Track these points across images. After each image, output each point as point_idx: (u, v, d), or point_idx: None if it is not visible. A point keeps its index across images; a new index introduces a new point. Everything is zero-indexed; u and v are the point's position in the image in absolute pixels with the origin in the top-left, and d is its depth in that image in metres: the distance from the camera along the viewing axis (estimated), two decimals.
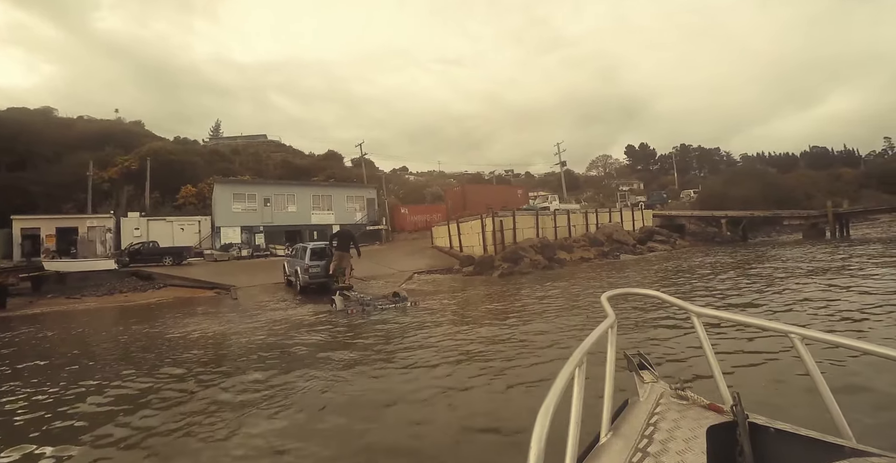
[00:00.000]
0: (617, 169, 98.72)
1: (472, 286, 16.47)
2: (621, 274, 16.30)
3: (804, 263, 15.23)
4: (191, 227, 34.78)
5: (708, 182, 64.63)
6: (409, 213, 42.92)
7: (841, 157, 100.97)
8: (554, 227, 27.53)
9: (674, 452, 1.30)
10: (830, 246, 22.09)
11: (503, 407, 4.37)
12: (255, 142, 78.02)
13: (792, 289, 10.37)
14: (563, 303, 10.24)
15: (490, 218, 24.44)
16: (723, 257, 20.43)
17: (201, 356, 7.62)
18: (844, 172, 74.47)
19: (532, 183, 74.19)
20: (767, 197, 42.06)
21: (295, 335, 8.69)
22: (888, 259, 14.58)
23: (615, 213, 33.12)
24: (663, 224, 35.84)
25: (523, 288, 14.22)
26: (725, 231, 35.39)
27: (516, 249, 23.15)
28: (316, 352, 7.28)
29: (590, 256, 25.31)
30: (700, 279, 13.54)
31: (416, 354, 6.62)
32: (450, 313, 9.88)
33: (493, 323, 8.46)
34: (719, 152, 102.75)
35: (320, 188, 39.60)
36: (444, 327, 8.36)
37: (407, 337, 7.76)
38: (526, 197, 42.74)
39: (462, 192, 38.36)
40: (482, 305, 11.09)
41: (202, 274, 21.97)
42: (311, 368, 6.21)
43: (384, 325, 8.87)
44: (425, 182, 66.10)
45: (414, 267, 23.76)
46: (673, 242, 31.08)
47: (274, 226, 34.80)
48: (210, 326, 10.50)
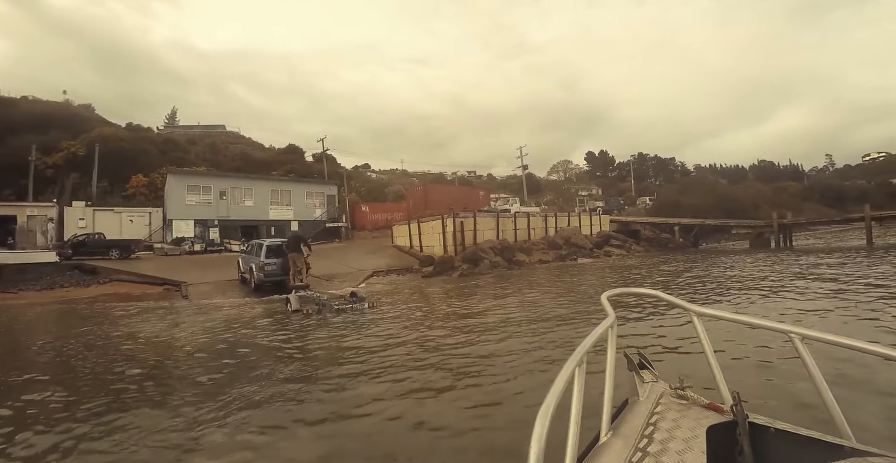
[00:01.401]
0: (577, 174, 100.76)
1: (431, 287, 16.42)
2: (578, 277, 16.56)
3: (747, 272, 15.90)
4: (140, 219, 33.37)
5: (663, 190, 66.84)
6: (369, 211, 42.55)
7: (786, 172, 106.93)
8: (514, 230, 27.83)
9: (674, 452, 1.30)
10: (773, 255, 23.12)
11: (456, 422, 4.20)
12: (213, 132, 75.73)
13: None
14: (522, 310, 10.30)
15: (451, 219, 24.51)
16: (676, 264, 21.09)
17: (132, 363, 6.77)
18: (789, 186, 78.30)
19: (494, 185, 74.79)
20: (718, 206, 43.82)
21: (244, 339, 8.22)
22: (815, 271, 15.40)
23: (574, 218, 33.79)
24: (620, 229, 36.74)
25: (482, 290, 14.28)
26: (678, 238, 36.60)
27: (476, 250, 23.28)
28: (263, 359, 6.66)
29: (548, 259, 25.71)
30: (659, 284, 13.95)
31: (368, 362, 6.23)
32: (407, 316, 9.73)
33: (451, 328, 8.20)
34: (674, 162, 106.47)
35: (279, 183, 38.60)
36: (400, 331, 8.22)
37: (361, 342, 7.41)
38: (487, 199, 43.13)
39: (424, 191, 38.32)
40: (441, 307, 10.98)
41: (151, 269, 21.09)
42: (252, 384, 5.43)
43: (338, 329, 8.62)
44: (387, 180, 65.63)
45: (373, 266, 23.52)
46: (628, 248, 31.94)
47: (229, 220, 33.69)
48: (152, 326, 9.89)
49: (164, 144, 51.02)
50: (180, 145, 53.98)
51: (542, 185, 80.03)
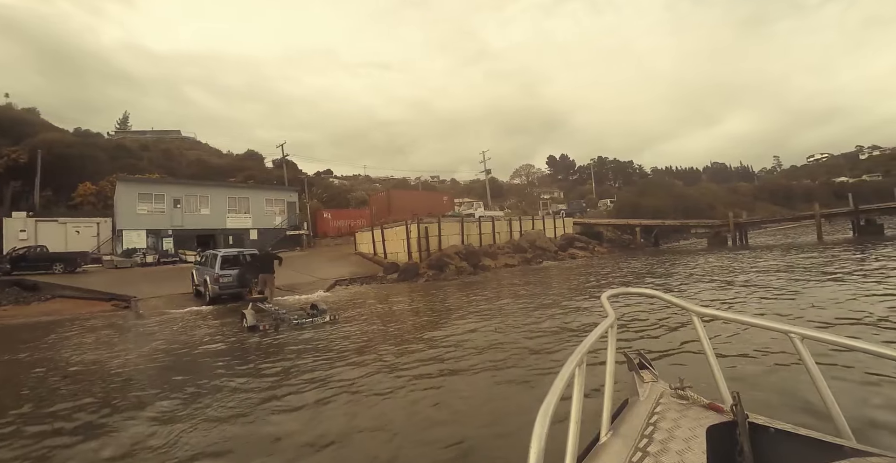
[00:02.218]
0: (539, 178, 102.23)
1: (396, 295, 16.03)
2: (546, 284, 16.45)
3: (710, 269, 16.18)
4: (88, 230, 31.69)
5: (623, 193, 68.28)
6: (332, 217, 41.75)
7: (738, 173, 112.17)
8: (479, 234, 27.73)
9: (674, 452, 1.30)
10: (732, 253, 23.71)
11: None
12: (168, 138, 73.08)
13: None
14: (492, 319, 10.04)
15: (415, 224, 24.17)
16: (635, 264, 21.31)
17: (59, 393, 5.97)
18: (741, 186, 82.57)
19: (458, 189, 74.89)
20: (676, 207, 45.30)
21: (192, 361, 7.46)
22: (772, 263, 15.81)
23: (538, 221, 33.97)
24: (583, 231, 37.29)
25: (449, 298, 13.98)
26: (640, 238, 37.52)
27: (441, 255, 23.02)
28: (198, 396, 5.53)
29: (514, 263, 25.67)
30: (627, 284, 13.93)
31: (327, 386, 5.43)
32: (372, 329, 9.20)
33: (416, 350, 7.11)
34: (633, 165, 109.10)
35: (237, 189, 37.24)
36: (363, 348, 7.52)
37: (319, 362, 6.64)
38: (451, 203, 42.91)
39: (387, 197, 37.68)
40: (406, 320, 10.50)
41: (99, 283, 19.92)
42: (194, 418, 4.65)
43: (296, 346, 8.01)
44: (350, 186, 64.66)
45: (336, 274, 22.94)
46: (592, 249, 32.34)
47: (184, 229, 32.30)
48: (91, 349, 8.97)
49: (114, 151, 48.80)
50: (132, 151, 51.76)
51: (505, 190, 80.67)
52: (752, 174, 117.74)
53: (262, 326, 9.32)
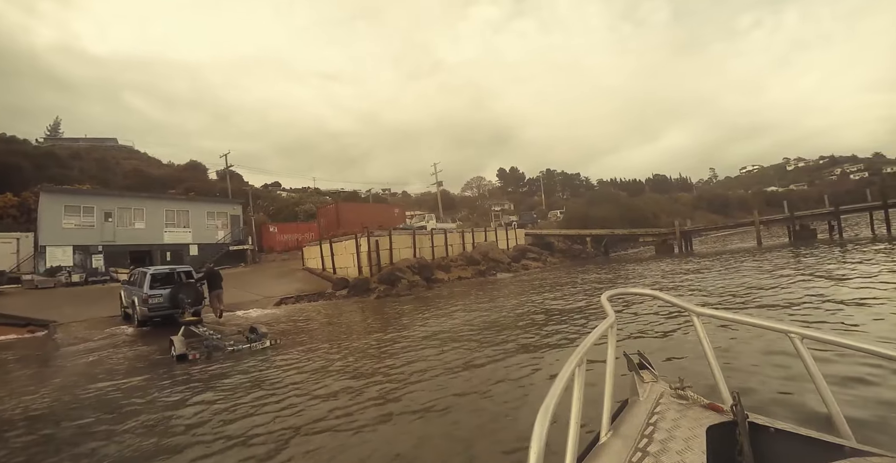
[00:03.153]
0: (490, 190, 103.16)
1: (345, 313, 15.25)
2: (502, 298, 16.09)
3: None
4: (6, 246, 28.94)
5: (572, 204, 69.90)
6: (278, 231, 40.20)
7: (677, 184, 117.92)
8: (431, 247, 27.24)
9: (674, 452, 1.30)
10: (681, 259, 24.21)
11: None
12: (103, 146, 69.11)
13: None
14: (447, 341, 9.49)
15: (365, 237, 23.40)
16: (594, 272, 21.33)
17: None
18: (682, 196, 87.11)
19: (409, 202, 74.31)
20: (623, 217, 46.61)
21: (93, 404, 6.18)
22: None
23: (490, 233, 33.84)
24: (535, 242, 37.56)
25: (401, 315, 13.34)
26: (590, 248, 38.16)
27: (393, 269, 22.35)
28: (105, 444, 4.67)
29: (467, 275, 25.31)
30: (585, 292, 13.75)
31: (250, 443, 4.47)
32: (316, 356, 8.26)
33: (363, 377, 6.46)
34: (580, 177, 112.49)
35: (176, 202, 35.04)
36: (303, 382, 6.50)
37: (248, 403, 5.63)
38: (403, 216, 42.18)
39: (336, 210, 36.52)
40: (355, 341, 9.74)
41: (15, 306, 18.05)
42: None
43: (228, 378, 7.01)
44: (298, 199, 62.89)
45: (282, 292, 21.87)
46: (544, 260, 32.51)
47: (116, 245, 30.01)
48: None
49: (42, 159, 45.48)
50: (62, 160, 48.40)
51: (456, 202, 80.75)
52: (691, 185, 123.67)
53: (192, 355, 8.37)
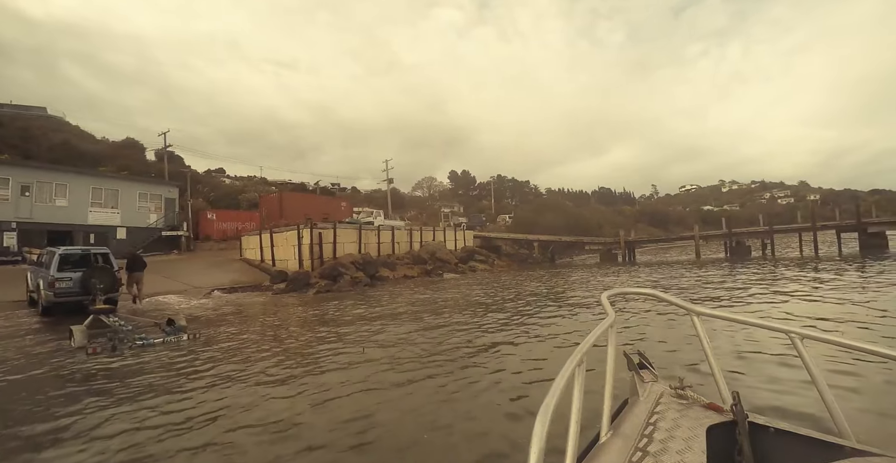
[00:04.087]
0: (440, 192, 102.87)
1: (280, 308, 14.25)
2: (444, 295, 15.54)
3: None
4: None
5: (520, 209, 70.69)
6: (217, 218, 37.96)
7: (621, 197, 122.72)
8: (377, 243, 26.44)
9: (674, 452, 1.31)
10: (624, 267, 24.49)
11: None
12: (28, 115, 63.14)
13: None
14: (386, 346, 8.80)
15: (308, 229, 22.30)
16: (540, 277, 21.16)
17: None
18: (625, 209, 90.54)
19: (358, 198, 72.76)
20: (569, 225, 47.55)
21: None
22: None
23: (439, 232, 33.38)
24: (483, 245, 37.45)
25: (340, 312, 12.52)
26: (537, 253, 38.45)
27: (336, 264, 21.40)
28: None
29: (413, 274, 24.68)
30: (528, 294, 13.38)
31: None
32: (236, 352, 7.33)
33: (284, 384, 5.52)
34: (529, 185, 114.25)
35: (105, 180, 32.07)
36: (210, 386, 5.52)
37: (141, 408, 4.73)
38: (350, 210, 40.72)
39: (279, 199, 34.78)
40: (284, 339, 8.87)
41: None
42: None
43: (128, 378, 5.99)
44: (242, 187, 60.17)
45: (215, 282, 20.50)
46: (491, 262, 32.33)
47: (33, 223, 27.19)
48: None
49: None
50: None
51: (406, 201, 79.90)
52: (634, 199, 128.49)
53: (92, 349, 7.26)
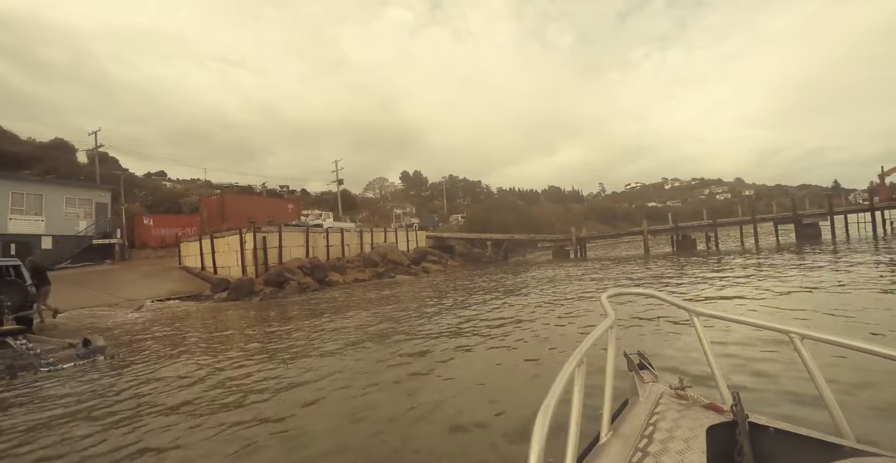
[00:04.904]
0: (392, 192, 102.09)
1: (220, 319, 13.35)
2: (398, 303, 15.03)
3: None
4: None
5: (473, 209, 70.89)
6: (154, 224, 35.83)
7: (570, 196, 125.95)
8: (326, 246, 25.63)
9: (674, 452, 1.30)
10: (576, 263, 24.60)
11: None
12: None
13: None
14: (334, 361, 8.20)
15: (251, 233, 21.24)
16: (494, 277, 20.89)
17: None
18: (574, 207, 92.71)
19: (308, 201, 70.99)
20: (521, 223, 47.98)
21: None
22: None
23: (390, 234, 32.78)
24: (436, 245, 37.14)
25: (285, 322, 11.81)
26: (490, 252, 38.48)
27: (282, 270, 20.48)
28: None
29: (364, 278, 24.02)
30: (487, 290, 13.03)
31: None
32: (159, 378, 6.39)
33: (214, 412, 4.81)
34: (481, 185, 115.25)
35: (27, 184, 29.35)
36: (128, 418, 4.75)
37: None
38: (298, 212, 39.27)
39: (221, 201, 33.02)
40: (221, 352, 8.14)
41: None
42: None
43: (23, 414, 5.06)
44: (184, 190, 57.40)
45: (150, 293, 19.22)
46: (445, 263, 31.99)
47: None
48: None
49: None
50: None
51: (357, 202, 78.66)
52: (582, 197, 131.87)
53: None
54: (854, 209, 33.10)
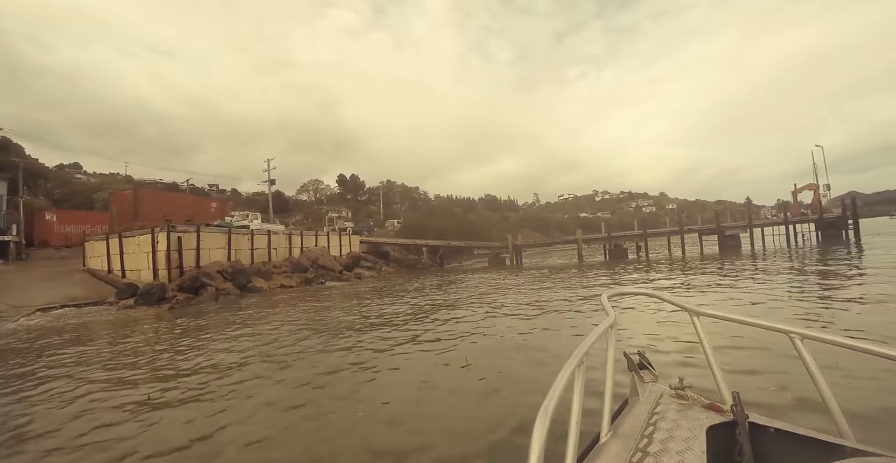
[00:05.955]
0: (328, 196, 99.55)
1: (120, 330, 11.92)
2: (327, 312, 14.08)
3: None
4: None
5: (409, 215, 70.20)
6: (58, 220, 32.32)
7: (506, 204, 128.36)
8: (251, 249, 24.13)
9: (674, 452, 1.30)
10: (511, 271, 24.36)
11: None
12: None
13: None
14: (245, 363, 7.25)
15: (164, 233, 19.47)
16: (430, 285, 20.26)
17: None
18: (510, 215, 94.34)
19: (239, 201, 67.66)
20: (458, 230, 47.84)
21: None
22: None
23: (322, 237, 31.52)
24: (370, 250, 36.20)
25: (194, 336, 10.64)
26: (426, 258, 37.95)
27: (199, 274, 18.94)
28: None
29: (292, 284, 22.76)
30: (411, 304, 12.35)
31: None
32: (21, 406, 5.26)
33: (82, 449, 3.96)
34: (419, 191, 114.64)
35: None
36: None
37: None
38: (222, 212, 36.44)
39: (134, 197, 30.07)
40: (108, 372, 6.94)
41: None
42: None
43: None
44: (98, 184, 52.87)
45: (45, 299, 17.17)
46: (379, 269, 31.13)
47: None
48: None
49: None
50: None
51: (291, 205, 75.88)
52: (518, 207, 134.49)
53: None
54: (770, 223, 35.60)
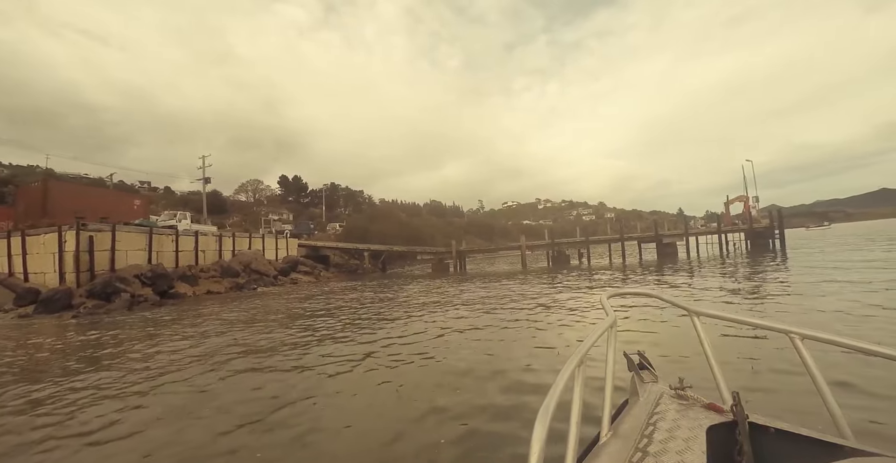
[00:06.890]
0: (268, 197, 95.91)
1: (16, 341, 10.30)
2: (257, 322, 12.84)
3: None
4: None
5: (352, 218, 68.60)
6: None
7: (451, 210, 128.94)
8: (175, 252, 22.28)
9: (674, 452, 1.29)
10: (456, 279, 23.54)
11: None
12: None
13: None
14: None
15: (74, 231, 17.45)
16: (367, 291, 19.17)
17: None
18: (455, 221, 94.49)
19: (173, 200, 63.61)
20: (402, 235, 47.16)
21: None
22: None
23: (256, 240, 29.78)
24: (309, 254, 34.82)
25: (105, 347, 9.23)
26: (368, 263, 36.93)
27: (112, 279, 17.06)
28: None
29: (220, 289, 21.15)
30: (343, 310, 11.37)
31: None
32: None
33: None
34: (363, 195, 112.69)
35: None
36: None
37: None
38: (145, 210, 33.40)
39: (43, 191, 27.04)
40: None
41: None
42: None
43: None
44: (9, 176, 48.21)
45: None
46: (318, 274, 29.86)
47: None
48: None
49: None
50: None
51: (228, 205, 72.29)
52: (463, 213, 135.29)
53: None
54: (705, 232, 37.21)
